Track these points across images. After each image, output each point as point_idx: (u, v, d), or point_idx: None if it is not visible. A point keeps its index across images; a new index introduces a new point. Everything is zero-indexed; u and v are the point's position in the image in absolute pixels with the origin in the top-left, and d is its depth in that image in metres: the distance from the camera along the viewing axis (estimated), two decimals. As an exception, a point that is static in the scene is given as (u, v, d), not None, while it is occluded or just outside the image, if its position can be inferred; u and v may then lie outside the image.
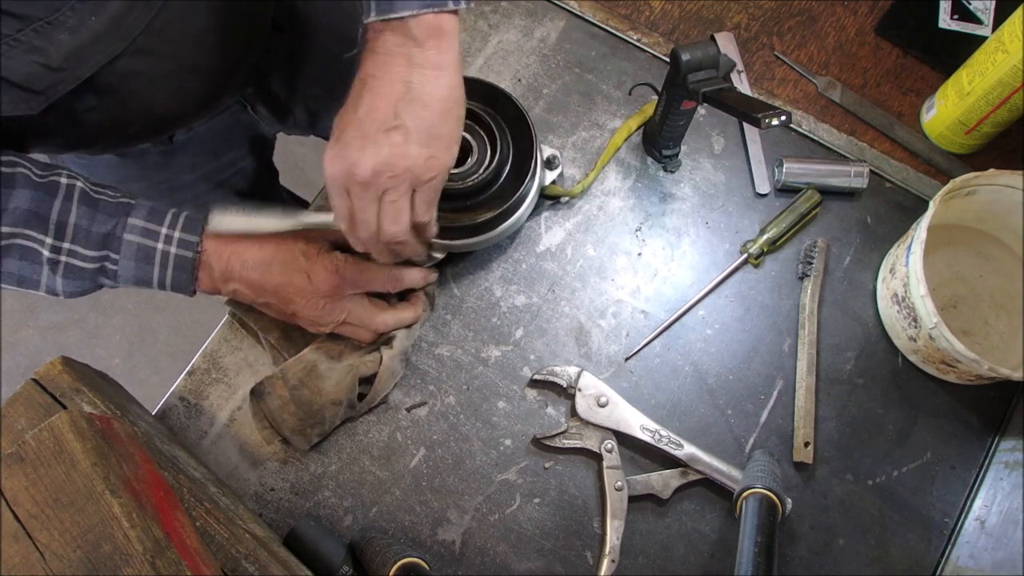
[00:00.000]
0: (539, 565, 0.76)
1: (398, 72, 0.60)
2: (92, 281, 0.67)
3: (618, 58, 0.93)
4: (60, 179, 0.64)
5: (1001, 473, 0.78)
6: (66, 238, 0.64)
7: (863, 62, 0.95)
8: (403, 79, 0.59)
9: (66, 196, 0.64)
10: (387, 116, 0.59)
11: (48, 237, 0.63)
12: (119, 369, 1.88)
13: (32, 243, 0.63)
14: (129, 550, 0.51)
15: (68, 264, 0.65)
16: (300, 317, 0.73)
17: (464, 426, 0.79)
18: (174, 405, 0.79)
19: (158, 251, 0.66)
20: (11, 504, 0.52)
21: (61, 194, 0.64)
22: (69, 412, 0.55)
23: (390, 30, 0.60)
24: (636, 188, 0.88)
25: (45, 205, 0.63)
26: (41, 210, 0.63)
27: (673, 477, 0.77)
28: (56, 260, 0.64)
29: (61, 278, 0.65)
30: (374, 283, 0.75)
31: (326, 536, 0.72)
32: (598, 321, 0.83)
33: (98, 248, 0.65)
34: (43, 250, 0.63)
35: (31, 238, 0.63)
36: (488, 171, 0.76)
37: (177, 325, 1.93)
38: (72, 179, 0.65)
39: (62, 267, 0.64)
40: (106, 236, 0.65)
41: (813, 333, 0.83)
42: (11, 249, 0.62)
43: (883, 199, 0.89)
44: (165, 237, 0.67)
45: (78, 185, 0.65)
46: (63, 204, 0.63)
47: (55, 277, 0.65)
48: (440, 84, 0.60)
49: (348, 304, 0.73)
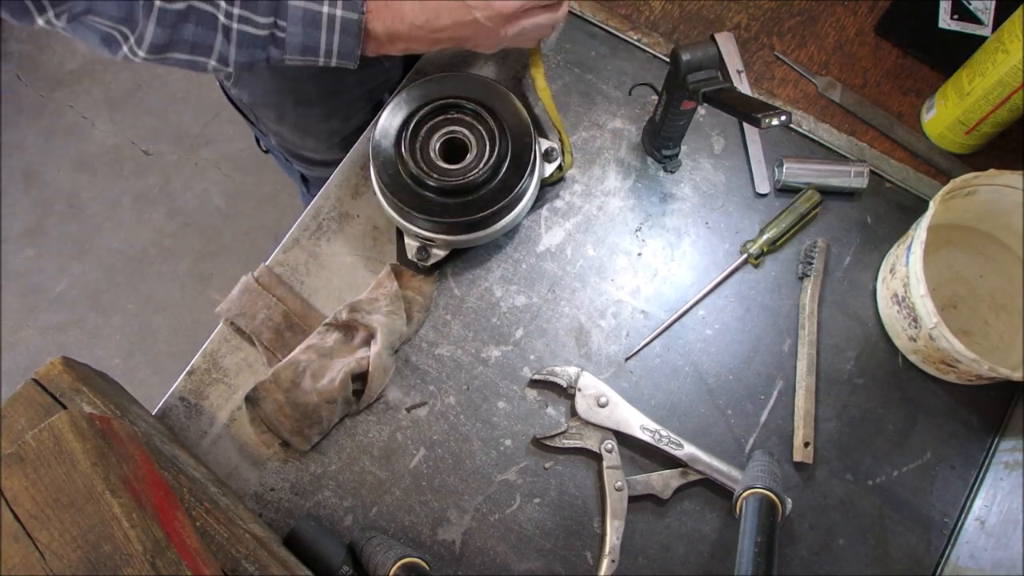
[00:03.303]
0: (539, 565, 0.76)
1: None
2: (263, 50, 0.69)
3: (618, 58, 0.93)
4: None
5: (1001, 473, 0.78)
6: (235, 2, 0.66)
7: (863, 62, 0.95)
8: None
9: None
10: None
11: (222, 1, 0.65)
12: (119, 369, 1.88)
13: (208, 6, 0.65)
14: (129, 550, 0.51)
15: (241, 31, 0.67)
16: (481, 47, 0.76)
17: (464, 426, 0.79)
18: (174, 405, 0.79)
19: (324, 15, 0.68)
20: (11, 504, 0.52)
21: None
22: (69, 412, 0.55)
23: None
24: (636, 188, 0.88)
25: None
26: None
27: (673, 477, 0.77)
28: (229, 27, 0.66)
29: (235, 46, 0.67)
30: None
31: (326, 536, 0.72)
32: (598, 321, 0.83)
33: (268, 15, 0.67)
34: (219, 14, 0.65)
35: (208, 0, 0.64)
36: (487, 166, 0.76)
37: (177, 325, 1.93)
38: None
39: (235, 34, 0.67)
40: (273, 2, 0.67)
41: (813, 333, 0.83)
42: (188, 13, 0.64)
43: (883, 199, 0.89)
44: (329, 1, 0.68)
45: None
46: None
47: (229, 45, 0.67)
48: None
49: (521, 20, 0.75)
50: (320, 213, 0.86)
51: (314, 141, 1.07)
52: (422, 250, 0.81)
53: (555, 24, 0.78)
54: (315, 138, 1.07)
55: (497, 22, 0.73)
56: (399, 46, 0.73)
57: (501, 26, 0.74)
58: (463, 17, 0.72)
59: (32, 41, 2.19)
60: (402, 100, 0.79)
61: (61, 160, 2.08)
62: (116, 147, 2.10)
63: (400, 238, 0.84)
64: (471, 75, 0.80)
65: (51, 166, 2.07)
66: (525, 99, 0.90)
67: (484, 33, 0.74)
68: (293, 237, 0.85)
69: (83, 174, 2.07)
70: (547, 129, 0.88)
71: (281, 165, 1.27)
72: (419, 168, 0.76)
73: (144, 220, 2.03)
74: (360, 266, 0.85)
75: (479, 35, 0.74)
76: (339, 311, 0.79)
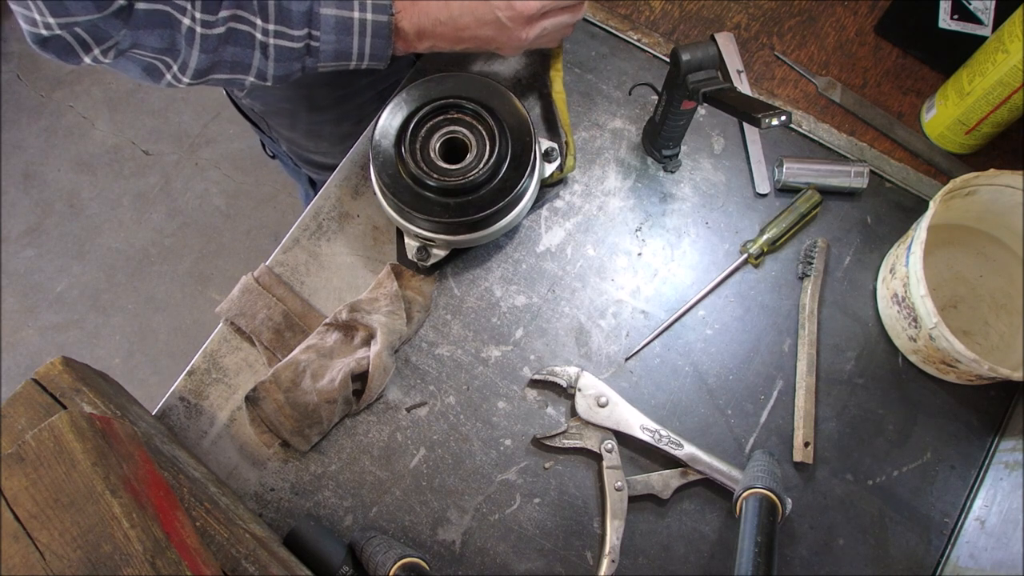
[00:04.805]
0: (539, 565, 0.76)
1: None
2: (299, 61, 0.71)
3: (618, 58, 0.93)
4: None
5: (1001, 473, 0.78)
6: (270, 19, 0.68)
7: (863, 62, 0.95)
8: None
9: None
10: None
11: (257, 19, 0.68)
12: (119, 369, 1.88)
13: (245, 26, 0.67)
14: (129, 550, 0.51)
15: (278, 46, 0.69)
16: (503, 49, 0.77)
17: (464, 426, 0.79)
18: (174, 405, 0.79)
19: (355, 20, 0.70)
20: (11, 504, 0.52)
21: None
22: (69, 412, 0.55)
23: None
24: (636, 188, 0.88)
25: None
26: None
27: (673, 477, 0.77)
28: (266, 43, 0.69)
29: (272, 61, 0.70)
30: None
31: (326, 536, 0.72)
32: (598, 321, 0.83)
33: (302, 26, 0.69)
34: (255, 32, 0.68)
35: (244, 20, 0.67)
36: (487, 166, 0.76)
37: (177, 325, 1.93)
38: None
39: (272, 49, 0.69)
40: (306, 14, 0.69)
41: (813, 333, 0.83)
42: (228, 36, 0.67)
43: (883, 199, 0.89)
44: (359, 5, 0.70)
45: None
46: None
47: (267, 61, 0.70)
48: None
49: (541, 21, 0.76)
50: (320, 213, 0.86)
51: (326, 144, 1.08)
52: (422, 250, 0.81)
53: (575, 24, 0.79)
54: (327, 141, 1.07)
55: (518, 23, 0.74)
56: (426, 43, 0.75)
57: (522, 27, 0.75)
58: (485, 16, 0.73)
59: (32, 41, 2.19)
60: (402, 100, 0.79)
61: (61, 160, 2.08)
62: (116, 147, 2.10)
63: (400, 238, 0.84)
64: (471, 75, 0.80)
65: (51, 166, 2.08)
66: (544, 101, 0.90)
67: (506, 34, 0.75)
68: (293, 237, 0.85)
69: (83, 174, 2.07)
70: (554, 130, 0.88)
71: (288, 170, 1.27)
72: (419, 168, 0.76)
73: (144, 220, 2.03)
74: (360, 266, 0.85)
75: (501, 35, 0.75)
76: (339, 311, 0.79)
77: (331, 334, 0.79)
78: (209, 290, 1.97)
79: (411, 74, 0.93)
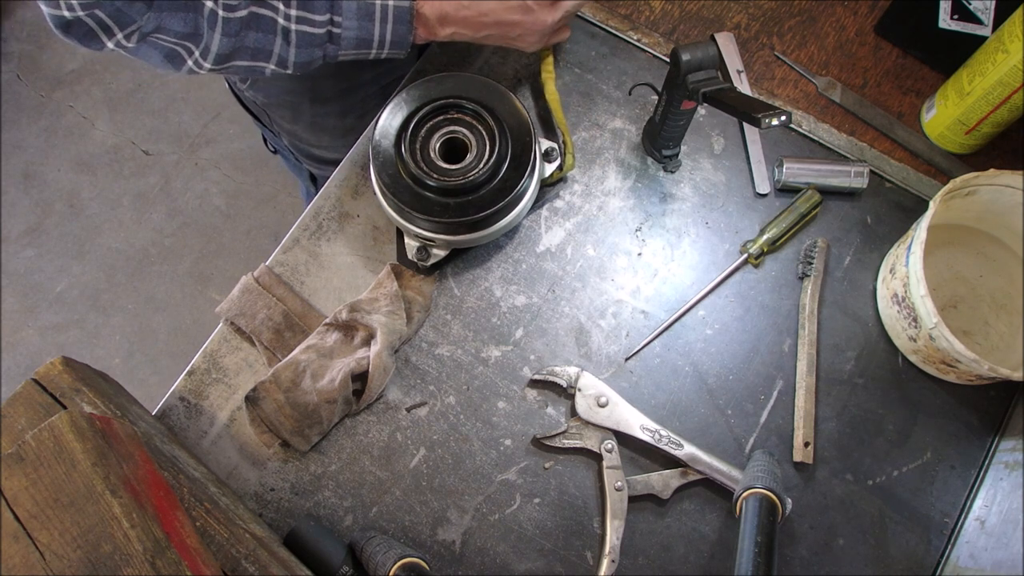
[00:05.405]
0: (539, 565, 0.76)
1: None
2: (320, 48, 0.71)
3: (618, 58, 0.93)
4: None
5: (1001, 473, 0.78)
6: (292, 4, 0.68)
7: (863, 62, 0.95)
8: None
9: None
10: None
11: (280, 3, 0.68)
12: (119, 369, 1.88)
13: (267, 10, 0.67)
14: (129, 550, 0.51)
15: (299, 32, 0.69)
16: (524, 40, 0.77)
17: (464, 426, 0.79)
18: (174, 405, 0.79)
19: (377, 6, 0.70)
20: (11, 504, 0.52)
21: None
22: (69, 412, 0.55)
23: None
24: (636, 188, 0.88)
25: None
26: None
27: (673, 477, 0.77)
28: (288, 29, 0.69)
29: (294, 47, 0.70)
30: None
31: (326, 536, 0.72)
32: (598, 321, 0.83)
33: (324, 12, 0.69)
34: (278, 17, 0.68)
35: (267, 4, 0.67)
36: (487, 166, 0.76)
37: (177, 325, 1.93)
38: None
39: (294, 35, 0.69)
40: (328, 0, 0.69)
41: (813, 333, 0.83)
42: (250, 20, 0.67)
43: (883, 199, 0.89)
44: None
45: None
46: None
47: (288, 47, 0.70)
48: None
49: (563, 2, 0.76)
50: (320, 213, 0.86)
51: (329, 138, 1.08)
52: (422, 250, 0.81)
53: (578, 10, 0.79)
54: (330, 135, 1.07)
55: (543, 4, 0.74)
56: (448, 30, 0.75)
57: (547, 10, 0.74)
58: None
59: (32, 41, 2.19)
60: (402, 100, 0.79)
61: (61, 160, 2.08)
62: (116, 147, 2.10)
63: (400, 238, 0.84)
64: (471, 75, 0.80)
65: (51, 166, 2.07)
66: (535, 96, 0.90)
67: (531, 16, 0.74)
68: (293, 237, 0.85)
69: (83, 174, 2.07)
70: (551, 131, 0.88)
71: (289, 165, 1.27)
72: (419, 168, 0.76)
73: (144, 220, 2.03)
74: (360, 266, 0.85)
75: (526, 18, 0.75)
76: (339, 311, 0.79)
77: (331, 334, 0.79)
78: (209, 290, 1.97)
79: (411, 74, 0.93)
